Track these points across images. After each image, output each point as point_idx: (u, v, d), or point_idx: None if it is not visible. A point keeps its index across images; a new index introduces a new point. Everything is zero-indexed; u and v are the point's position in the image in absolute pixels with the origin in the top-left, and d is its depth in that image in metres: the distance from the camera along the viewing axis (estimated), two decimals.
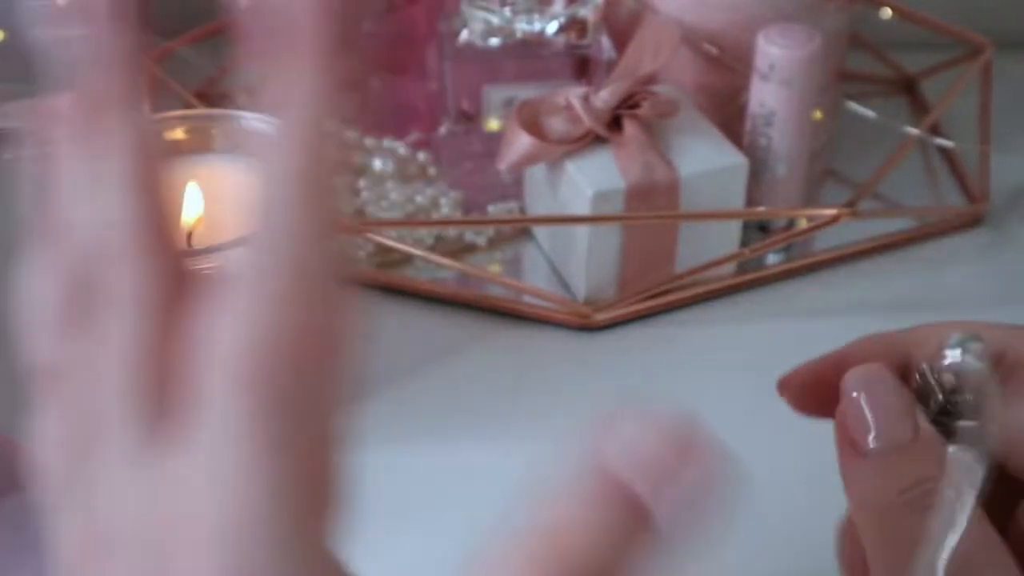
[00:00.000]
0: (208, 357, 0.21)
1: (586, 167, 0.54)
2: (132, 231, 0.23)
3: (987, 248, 0.61)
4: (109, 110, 0.23)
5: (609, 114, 0.54)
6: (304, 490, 0.21)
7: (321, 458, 0.21)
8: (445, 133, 0.60)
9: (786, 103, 0.55)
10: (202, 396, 0.21)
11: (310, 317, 0.21)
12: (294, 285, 0.21)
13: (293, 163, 0.22)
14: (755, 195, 0.57)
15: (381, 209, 0.59)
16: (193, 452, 0.21)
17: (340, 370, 0.22)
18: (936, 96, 0.67)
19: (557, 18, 0.57)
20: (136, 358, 0.22)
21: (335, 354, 0.21)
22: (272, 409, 0.20)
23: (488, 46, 0.57)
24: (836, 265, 0.59)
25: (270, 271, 0.21)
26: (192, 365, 0.21)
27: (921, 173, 0.66)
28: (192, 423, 0.21)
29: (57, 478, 0.23)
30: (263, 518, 0.20)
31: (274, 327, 0.21)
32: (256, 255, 0.22)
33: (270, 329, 0.21)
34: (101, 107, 0.23)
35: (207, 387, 0.21)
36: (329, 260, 0.22)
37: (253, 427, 0.20)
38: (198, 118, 0.50)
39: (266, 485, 0.20)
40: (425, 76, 0.65)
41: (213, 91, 0.66)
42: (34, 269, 0.24)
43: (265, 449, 0.20)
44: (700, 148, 0.55)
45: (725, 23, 0.58)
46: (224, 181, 0.49)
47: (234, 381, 0.21)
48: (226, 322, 0.21)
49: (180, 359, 0.22)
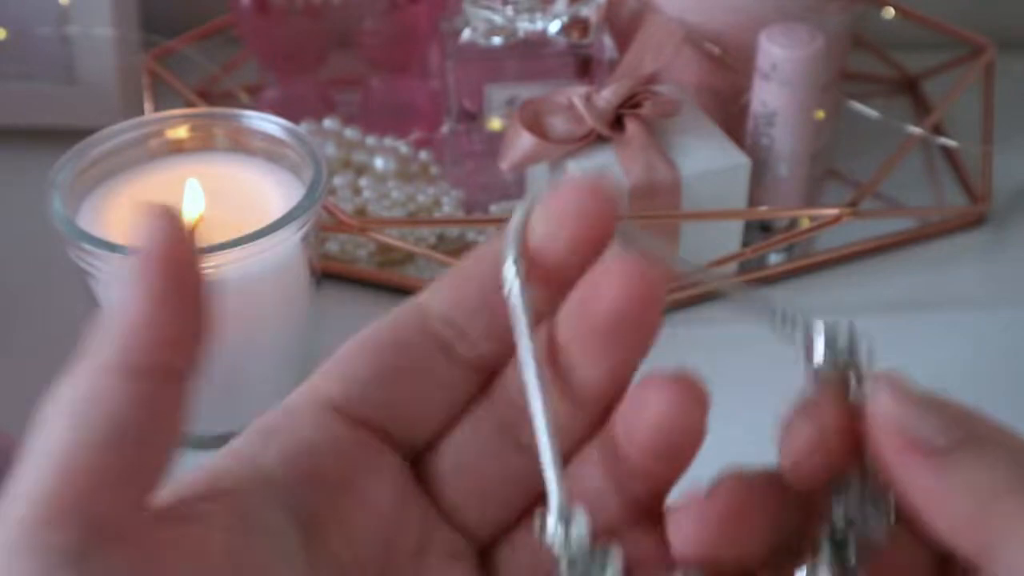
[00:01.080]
0: None
1: (588, 167, 0.53)
2: None
3: (989, 248, 0.61)
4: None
5: (611, 113, 0.54)
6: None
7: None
8: (447, 132, 0.60)
9: (788, 103, 0.55)
10: None
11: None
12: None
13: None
14: (757, 195, 0.57)
15: (383, 208, 0.59)
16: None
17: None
18: (938, 96, 0.67)
19: (559, 17, 0.57)
20: None
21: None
22: None
23: (490, 45, 0.57)
24: (838, 265, 0.59)
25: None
26: None
27: (923, 173, 0.66)
28: None
29: None
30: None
31: None
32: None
33: None
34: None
35: None
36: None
37: None
38: (200, 116, 0.50)
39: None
40: (427, 75, 0.65)
41: (215, 89, 0.66)
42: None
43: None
44: (702, 148, 0.55)
45: (727, 23, 0.58)
46: (226, 179, 0.49)
47: None
48: None
49: None
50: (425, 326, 0.26)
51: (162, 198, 0.47)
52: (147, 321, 0.22)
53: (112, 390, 0.22)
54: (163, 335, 0.22)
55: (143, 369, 0.22)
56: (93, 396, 0.22)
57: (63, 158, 0.46)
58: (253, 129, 0.49)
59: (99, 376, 0.22)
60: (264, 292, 0.46)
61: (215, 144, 0.50)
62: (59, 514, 0.21)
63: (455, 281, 0.26)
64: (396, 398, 0.26)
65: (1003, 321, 0.55)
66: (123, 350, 0.22)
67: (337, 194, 0.59)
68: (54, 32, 0.63)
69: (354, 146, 0.62)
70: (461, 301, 0.26)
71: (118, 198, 0.47)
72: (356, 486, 0.25)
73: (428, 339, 0.26)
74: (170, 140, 0.49)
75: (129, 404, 0.22)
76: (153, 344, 0.22)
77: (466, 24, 0.57)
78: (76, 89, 0.64)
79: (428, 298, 0.26)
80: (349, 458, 0.25)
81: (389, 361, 0.26)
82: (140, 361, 0.22)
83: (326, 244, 0.57)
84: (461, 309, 0.26)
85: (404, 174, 0.61)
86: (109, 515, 0.21)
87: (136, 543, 0.22)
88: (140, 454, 0.22)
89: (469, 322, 0.26)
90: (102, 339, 0.22)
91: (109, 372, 0.22)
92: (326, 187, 0.46)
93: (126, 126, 0.48)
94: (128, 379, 0.22)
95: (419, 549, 0.26)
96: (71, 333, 0.22)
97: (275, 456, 0.25)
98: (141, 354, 0.22)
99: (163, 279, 0.22)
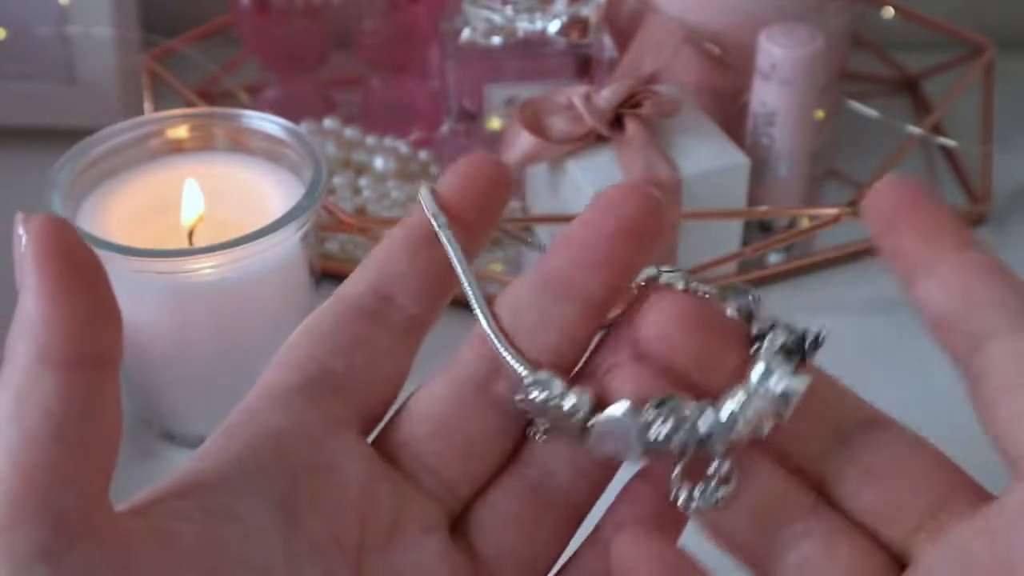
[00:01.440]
0: None
1: (588, 166, 0.53)
2: None
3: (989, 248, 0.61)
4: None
5: (611, 113, 0.54)
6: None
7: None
8: (447, 132, 0.60)
9: (788, 103, 0.55)
10: None
11: None
12: None
13: None
14: (757, 194, 0.57)
15: (383, 208, 0.59)
16: None
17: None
18: (938, 96, 0.67)
19: (559, 17, 0.56)
20: None
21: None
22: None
23: (490, 45, 0.57)
24: (838, 264, 0.59)
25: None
26: None
27: (923, 173, 0.66)
28: None
29: None
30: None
31: None
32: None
33: None
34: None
35: None
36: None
37: None
38: (199, 116, 0.50)
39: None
40: (427, 75, 0.65)
41: (215, 89, 0.66)
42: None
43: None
44: (702, 147, 0.55)
45: (727, 22, 0.58)
46: (226, 179, 0.49)
47: None
48: None
49: None
50: (358, 304, 0.28)
51: (162, 198, 0.48)
52: (50, 318, 0.23)
53: (38, 386, 0.22)
54: (71, 325, 0.23)
55: (62, 361, 0.23)
56: (22, 395, 0.22)
57: (63, 158, 0.46)
58: (253, 129, 0.49)
59: (23, 375, 0.22)
60: (264, 292, 0.46)
61: (215, 144, 0.50)
62: (25, 513, 0.21)
63: (374, 260, 0.28)
64: (350, 373, 0.27)
65: None
66: (39, 347, 0.22)
67: (337, 194, 0.59)
68: (54, 32, 0.63)
69: (354, 146, 0.62)
70: (384, 272, 0.28)
71: (118, 198, 0.47)
72: (325, 465, 0.26)
73: (363, 314, 0.27)
74: (170, 140, 0.49)
75: (58, 396, 0.22)
76: (65, 336, 0.23)
77: (466, 24, 0.57)
78: (76, 89, 0.64)
79: (353, 281, 0.28)
80: (315, 439, 0.26)
81: (335, 341, 0.27)
82: (57, 354, 0.23)
83: (326, 244, 0.57)
84: (386, 279, 0.28)
85: (404, 174, 0.61)
86: (75, 510, 0.22)
87: (106, 537, 0.22)
88: (84, 445, 0.22)
89: (396, 288, 0.28)
90: (17, 342, 0.23)
91: (30, 370, 0.22)
92: (326, 187, 0.46)
93: (126, 126, 0.48)
94: (50, 372, 0.22)
95: (393, 522, 0.26)
96: None
97: (242, 446, 0.25)
98: (56, 347, 0.23)
99: (55, 273, 0.23)
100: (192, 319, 0.45)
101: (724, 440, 0.25)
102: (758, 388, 0.25)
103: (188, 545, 0.23)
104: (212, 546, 0.23)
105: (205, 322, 0.46)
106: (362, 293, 0.28)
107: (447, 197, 0.28)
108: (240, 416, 0.26)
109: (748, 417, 0.25)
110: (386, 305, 0.28)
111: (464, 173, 0.29)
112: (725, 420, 0.25)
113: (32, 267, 0.23)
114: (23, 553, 0.21)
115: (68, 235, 0.23)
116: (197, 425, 0.48)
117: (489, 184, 0.29)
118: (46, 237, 0.23)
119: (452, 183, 0.28)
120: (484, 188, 0.29)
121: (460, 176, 0.29)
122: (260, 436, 0.26)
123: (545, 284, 0.27)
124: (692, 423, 0.25)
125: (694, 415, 0.25)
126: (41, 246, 0.23)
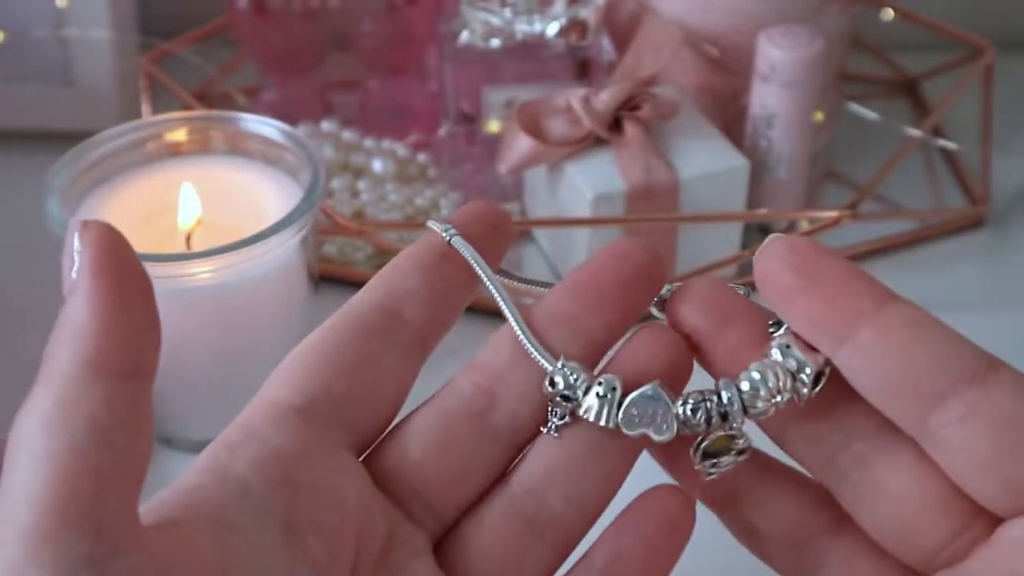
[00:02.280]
0: None
1: (586, 169, 0.53)
2: None
3: (989, 250, 0.61)
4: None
5: (610, 116, 0.53)
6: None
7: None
8: (445, 134, 0.60)
9: (787, 105, 0.55)
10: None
11: None
12: None
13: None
14: (756, 197, 0.57)
15: (381, 211, 0.59)
16: None
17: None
18: (937, 97, 0.67)
19: (557, 19, 0.56)
20: None
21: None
22: None
23: (488, 47, 0.57)
24: None
25: None
26: None
27: (922, 175, 0.66)
28: None
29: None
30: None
31: None
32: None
33: None
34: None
35: None
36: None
37: None
38: (197, 119, 0.50)
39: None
40: (425, 77, 0.65)
41: (212, 92, 0.66)
42: None
43: None
44: (701, 150, 0.54)
45: (726, 25, 0.58)
46: (223, 183, 0.49)
47: None
48: None
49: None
50: (365, 321, 0.28)
51: (160, 201, 0.47)
52: (103, 326, 0.23)
53: (86, 393, 0.22)
54: (124, 336, 0.23)
55: (108, 372, 0.23)
56: (67, 403, 0.22)
57: (60, 161, 0.46)
58: (251, 132, 0.49)
59: (69, 382, 0.22)
60: (262, 295, 0.46)
61: (213, 147, 0.49)
62: (70, 521, 0.21)
63: (383, 277, 0.28)
64: (351, 394, 0.27)
65: (1003, 323, 0.55)
66: (88, 354, 0.23)
67: (335, 196, 0.59)
68: (51, 34, 0.63)
69: (352, 148, 0.62)
70: (394, 289, 0.28)
71: (116, 201, 0.47)
72: (326, 488, 0.26)
73: (370, 332, 0.27)
74: (168, 143, 0.49)
75: (106, 405, 0.22)
76: (112, 348, 0.23)
77: (464, 26, 0.57)
78: (73, 92, 0.64)
79: (361, 297, 0.28)
80: (316, 461, 0.26)
81: (338, 360, 0.27)
82: (108, 363, 0.23)
83: (324, 247, 0.57)
84: (395, 296, 0.28)
85: (402, 176, 0.61)
86: (116, 519, 0.22)
87: (143, 546, 0.22)
88: (126, 454, 0.22)
89: (405, 305, 0.28)
90: (63, 349, 0.23)
91: (79, 377, 0.22)
92: (324, 190, 0.45)
93: (123, 129, 0.48)
94: (100, 381, 0.23)
95: (384, 547, 0.26)
96: None
97: (246, 466, 0.25)
98: (108, 356, 0.23)
99: (110, 285, 0.23)
100: (190, 323, 0.45)
101: (745, 411, 0.26)
102: (776, 362, 0.26)
103: (211, 558, 0.23)
104: (229, 560, 0.23)
105: (203, 326, 0.46)
106: (370, 310, 0.28)
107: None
108: (240, 433, 0.26)
109: (769, 387, 0.26)
110: (394, 322, 0.28)
111: (469, 214, 0.29)
112: (748, 390, 0.26)
113: (88, 274, 0.23)
114: (69, 561, 0.21)
115: (124, 246, 0.24)
116: (196, 429, 0.48)
117: (492, 229, 0.29)
118: (104, 246, 0.23)
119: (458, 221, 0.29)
120: (487, 231, 0.29)
121: (464, 216, 0.29)
122: (265, 455, 0.25)
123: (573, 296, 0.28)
124: (717, 394, 0.26)
125: (718, 387, 0.26)
126: (99, 255, 0.23)
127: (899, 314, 0.24)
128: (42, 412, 0.22)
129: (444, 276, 0.28)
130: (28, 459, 0.22)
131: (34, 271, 0.56)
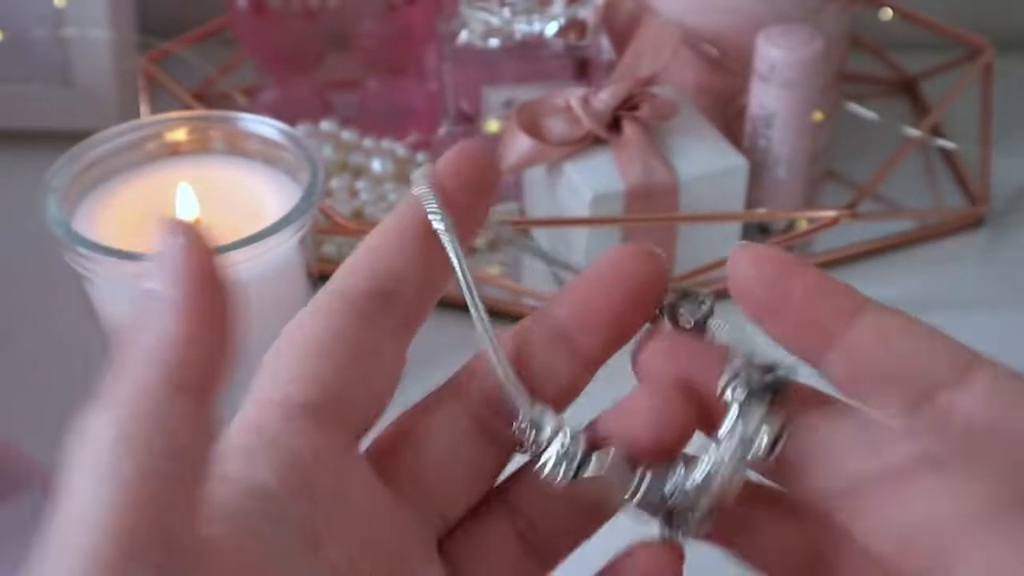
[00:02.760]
0: None
1: (585, 169, 0.53)
2: None
3: (988, 249, 0.61)
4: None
5: (609, 116, 0.53)
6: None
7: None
8: (444, 134, 0.60)
9: (786, 105, 0.55)
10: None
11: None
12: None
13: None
14: (755, 197, 0.57)
15: (380, 210, 0.59)
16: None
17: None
18: (937, 97, 0.67)
19: (556, 19, 0.56)
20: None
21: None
22: None
23: (487, 47, 0.57)
24: (836, 267, 0.59)
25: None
26: None
27: (921, 174, 0.66)
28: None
29: None
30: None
31: None
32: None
33: None
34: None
35: None
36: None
37: None
38: (196, 119, 0.50)
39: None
40: (424, 77, 0.65)
41: (211, 92, 0.66)
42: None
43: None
44: (700, 150, 0.54)
45: (725, 24, 0.58)
46: (222, 182, 0.49)
47: None
48: None
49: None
50: (356, 306, 0.27)
51: (159, 201, 0.47)
52: (185, 339, 0.22)
53: (167, 409, 0.21)
54: (210, 351, 0.22)
55: (188, 387, 0.21)
56: (145, 417, 0.21)
57: (59, 161, 0.46)
58: (250, 132, 0.49)
59: (146, 397, 0.21)
60: (262, 295, 0.46)
61: (212, 147, 0.49)
62: (146, 542, 0.20)
63: (368, 253, 0.27)
64: (349, 387, 0.26)
65: (1002, 322, 0.55)
66: (170, 368, 0.21)
67: (334, 196, 0.59)
68: (50, 34, 0.63)
69: (351, 148, 0.62)
70: (381, 268, 0.27)
71: (114, 201, 0.47)
72: (342, 492, 0.25)
73: (362, 318, 0.27)
74: (167, 143, 0.49)
75: (186, 422, 0.21)
76: (194, 361, 0.22)
77: (463, 26, 0.57)
78: (72, 91, 0.64)
79: (347, 278, 0.27)
80: (331, 465, 0.25)
81: (335, 350, 0.26)
82: (192, 379, 0.22)
83: (323, 246, 0.57)
84: (383, 275, 0.27)
85: (401, 176, 0.61)
86: (184, 540, 0.21)
87: (209, 566, 0.21)
88: (199, 472, 0.22)
89: (393, 285, 0.27)
90: (139, 359, 0.22)
91: (159, 391, 0.21)
92: (323, 190, 0.45)
93: (122, 129, 0.48)
94: (182, 397, 0.21)
95: (398, 552, 0.26)
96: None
97: (267, 473, 0.24)
98: (184, 372, 0.21)
99: (194, 295, 0.22)
100: None
101: (704, 499, 0.25)
102: (728, 444, 0.25)
103: (250, 571, 0.23)
104: (261, 571, 0.23)
105: None
106: (360, 293, 0.27)
107: (442, 174, 0.28)
108: (254, 436, 0.25)
109: (724, 475, 0.25)
110: (383, 304, 0.27)
111: (453, 164, 0.28)
112: (700, 482, 0.25)
113: (179, 283, 0.22)
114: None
115: (214, 257, 0.22)
116: None
117: (480, 166, 0.28)
118: (197, 255, 0.22)
119: (446, 165, 0.28)
120: (476, 170, 0.28)
121: (449, 166, 0.28)
122: (284, 461, 0.25)
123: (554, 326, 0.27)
124: (673, 481, 0.25)
125: (671, 474, 0.25)
126: (191, 263, 0.22)
127: (877, 316, 0.25)
128: (117, 426, 0.21)
129: (429, 254, 0.27)
130: (97, 478, 0.20)
131: (33, 270, 0.56)
